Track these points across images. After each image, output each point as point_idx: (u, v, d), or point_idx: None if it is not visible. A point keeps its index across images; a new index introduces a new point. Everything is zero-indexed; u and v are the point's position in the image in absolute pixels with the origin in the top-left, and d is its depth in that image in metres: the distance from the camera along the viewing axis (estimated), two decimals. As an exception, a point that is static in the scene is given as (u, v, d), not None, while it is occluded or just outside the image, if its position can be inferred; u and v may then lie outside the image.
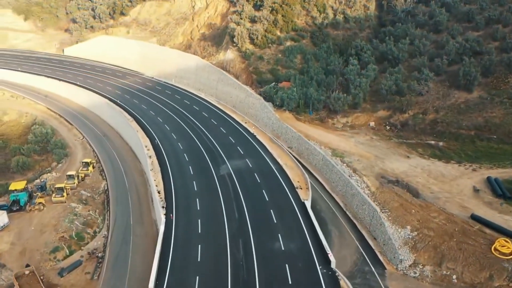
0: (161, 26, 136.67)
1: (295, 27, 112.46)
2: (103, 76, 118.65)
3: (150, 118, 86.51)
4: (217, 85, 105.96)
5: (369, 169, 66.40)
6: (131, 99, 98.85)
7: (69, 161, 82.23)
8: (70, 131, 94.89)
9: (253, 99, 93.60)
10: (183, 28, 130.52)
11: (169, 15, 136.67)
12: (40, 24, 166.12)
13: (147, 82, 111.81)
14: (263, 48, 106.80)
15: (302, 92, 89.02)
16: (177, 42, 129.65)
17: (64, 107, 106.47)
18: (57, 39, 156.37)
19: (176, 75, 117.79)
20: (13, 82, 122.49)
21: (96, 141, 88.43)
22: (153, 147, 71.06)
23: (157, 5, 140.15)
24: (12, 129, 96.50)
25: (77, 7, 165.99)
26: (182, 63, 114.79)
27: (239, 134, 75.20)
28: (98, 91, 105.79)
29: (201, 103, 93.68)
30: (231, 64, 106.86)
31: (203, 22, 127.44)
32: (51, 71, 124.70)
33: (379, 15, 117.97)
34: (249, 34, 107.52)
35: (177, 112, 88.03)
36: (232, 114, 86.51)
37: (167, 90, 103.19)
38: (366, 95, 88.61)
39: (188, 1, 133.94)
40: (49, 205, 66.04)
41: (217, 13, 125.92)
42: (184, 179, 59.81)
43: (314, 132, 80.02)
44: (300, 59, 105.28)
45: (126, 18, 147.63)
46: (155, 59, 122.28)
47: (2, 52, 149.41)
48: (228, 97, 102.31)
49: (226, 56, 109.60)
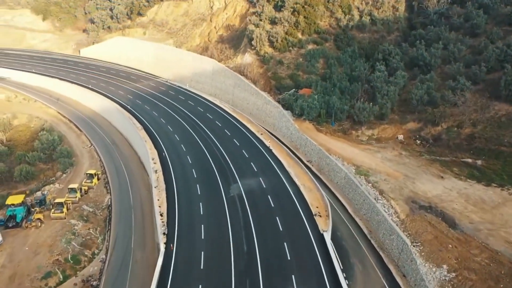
0: (178, 27, 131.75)
1: (317, 29, 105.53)
2: (116, 79, 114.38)
3: (160, 126, 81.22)
4: (233, 91, 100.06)
5: (398, 191, 59.25)
6: (142, 104, 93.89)
7: (75, 171, 77.69)
8: (79, 138, 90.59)
9: (271, 107, 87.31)
10: (201, 29, 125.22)
11: (186, 15, 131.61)
12: (58, 24, 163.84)
13: (160, 86, 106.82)
14: (283, 51, 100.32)
15: (323, 101, 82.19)
16: (194, 44, 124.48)
17: (75, 111, 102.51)
18: (74, 40, 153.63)
19: (192, 79, 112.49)
20: (26, 84, 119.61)
21: (104, 149, 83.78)
22: (160, 160, 65.56)
23: (174, 5, 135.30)
24: (20, 134, 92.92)
25: (95, 7, 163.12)
26: (198, 66, 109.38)
27: (254, 147, 68.92)
28: (110, 95, 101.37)
29: (215, 111, 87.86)
30: (248, 69, 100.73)
31: (221, 24, 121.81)
32: (65, 73, 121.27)
33: (409, 16, 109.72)
34: (269, 36, 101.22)
35: (188, 120, 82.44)
36: (247, 123, 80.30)
37: (180, 96, 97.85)
38: (394, 105, 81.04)
39: (206, 1, 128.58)
40: (47, 221, 61.49)
41: (236, 14, 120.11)
42: (190, 199, 53.95)
43: (336, 145, 73.17)
44: (322, 64, 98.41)
45: (143, 19, 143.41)
46: (171, 62, 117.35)
47: (19, 52, 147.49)
48: (244, 104, 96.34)
49: (244, 59, 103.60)
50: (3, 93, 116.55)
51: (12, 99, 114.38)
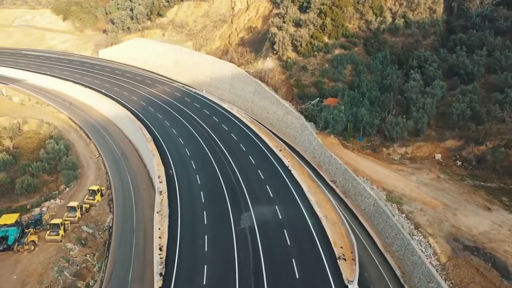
0: (198, 28, 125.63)
1: (346, 32, 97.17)
2: (131, 83, 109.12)
3: (171, 138, 74.90)
4: (252, 98, 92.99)
5: (437, 225, 50.81)
6: (154, 112, 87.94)
7: (79, 185, 72.39)
8: (88, 147, 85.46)
9: (293, 118, 79.83)
10: (221, 31, 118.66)
11: (207, 16, 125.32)
12: (79, 25, 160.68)
13: (176, 92, 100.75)
14: (308, 56, 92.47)
15: (351, 113, 74.07)
16: (214, 47, 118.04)
17: (87, 117, 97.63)
18: (93, 40, 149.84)
19: (210, 84, 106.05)
20: (40, 87, 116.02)
21: (112, 161, 78.26)
22: (167, 179, 59.09)
23: (195, 5, 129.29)
24: (28, 141, 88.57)
25: (116, 7, 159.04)
26: (217, 71, 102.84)
27: (271, 167, 61.48)
28: (122, 101, 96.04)
29: (231, 121, 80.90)
30: (270, 75, 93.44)
31: (242, 25, 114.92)
32: (80, 76, 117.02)
33: (448, 19, 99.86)
34: (292, 40, 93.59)
35: (202, 132, 75.79)
36: (266, 137, 72.95)
37: (196, 103, 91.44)
38: (431, 120, 72.06)
39: (228, 2, 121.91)
40: (42, 244, 56.17)
41: (258, 15, 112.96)
42: (195, 231, 47.11)
43: (364, 165, 65.09)
44: (350, 71, 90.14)
45: (163, 20, 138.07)
46: (189, 65, 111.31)
47: (37, 53, 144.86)
48: (264, 113, 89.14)
49: (265, 64, 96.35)
50: (17, 96, 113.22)
51: (26, 102, 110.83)
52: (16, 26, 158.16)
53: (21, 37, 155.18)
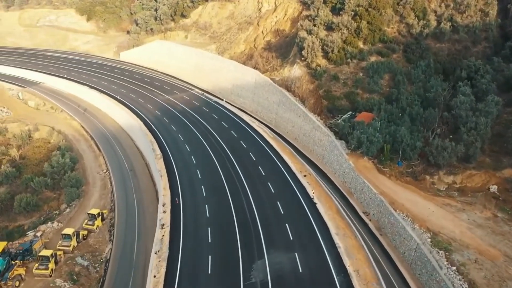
0: (222, 31, 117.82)
1: (383, 37, 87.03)
2: (148, 89, 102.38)
3: (183, 156, 67.04)
4: (277, 109, 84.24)
5: (498, 285, 40.63)
6: (169, 124, 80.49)
7: (81, 205, 65.72)
8: (96, 160, 79.03)
9: (321, 134, 70.56)
10: (246, 34, 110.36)
11: (232, 18, 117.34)
12: (102, 25, 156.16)
13: (194, 100, 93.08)
14: (340, 64, 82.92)
15: (388, 132, 64.13)
16: (238, 51, 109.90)
17: (99, 125, 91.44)
18: (116, 42, 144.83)
19: (232, 92, 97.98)
20: (57, 91, 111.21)
21: (120, 177, 71.38)
22: (172, 209, 51.18)
23: (219, 6, 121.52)
24: (35, 151, 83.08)
25: (141, 7, 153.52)
26: (239, 77, 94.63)
27: (293, 199, 52.40)
28: (137, 109, 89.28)
29: (251, 137, 72.27)
30: (296, 84, 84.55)
31: (269, 28, 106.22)
32: (97, 80, 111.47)
33: (502, 23, 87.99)
34: (323, 45, 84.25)
35: (217, 150, 67.53)
36: (289, 158, 63.95)
37: (214, 114, 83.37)
38: (485, 143, 61.26)
39: (255, 3, 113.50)
40: (29, 279, 49.42)
41: (286, 17, 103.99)
42: (196, 284, 38.87)
43: (404, 196, 55.33)
44: (387, 81, 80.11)
45: (187, 21, 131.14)
46: (210, 71, 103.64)
47: (57, 55, 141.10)
48: (289, 127, 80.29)
49: (292, 72, 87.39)
50: (33, 100, 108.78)
51: (41, 107, 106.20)
52: (41, 26, 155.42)
53: (44, 38, 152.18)
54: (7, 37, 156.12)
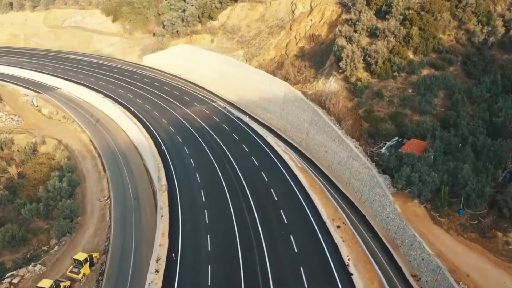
0: (251, 35, 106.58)
1: (438, 46, 73.14)
2: (167, 99, 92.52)
3: (191, 190, 56.03)
4: (308, 129, 72.22)
5: None
6: (182, 144, 69.96)
7: (72, 241, 56.43)
8: (99, 183, 69.72)
9: (359, 165, 58.13)
10: (277, 39, 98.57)
11: (262, 21, 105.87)
12: (128, 26, 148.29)
13: (214, 115, 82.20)
14: (385, 78, 69.83)
15: (446, 169, 50.92)
16: (268, 58, 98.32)
17: (109, 140, 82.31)
18: (141, 44, 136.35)
19: (258, 105, 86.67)
20: (72, 98, 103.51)
21: (121, 208, 61.63)
22: (166, 267, 40.36)
23: (249, 7, 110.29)
24: (36, 169, 74.89)
25: (169, 8, 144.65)
26: (266, 90, 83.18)
27: (322, 262, 40.36)
28: (149, 124, 79.60)
29: (274, 167, 60.34)
30: (332, 100, 72.17)
31: (303, 33, 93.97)
32: (114, 87, 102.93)
33: None
34: (365, 55, 71.42)
35: (233, 185, 56.07)
36: (319, 199, 51.80)
37: (234, 133, 72.13)
38: None
39: (288, 4, 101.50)
40: None
41: (323, 20, 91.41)
42: None
43: (469, 260, 42.43)
44: (443, 100, 66.56)
45: (214, 23, 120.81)
46: (235, 80, 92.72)
47: (79, 57, 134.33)
48: (321, 151, 68.18)
49: (327, 86, 74.97)
50: (47, 107, 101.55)
51: (54, 115, 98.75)
52: (65, 27, 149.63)
53: (69, 39, 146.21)
54: (32, 38, 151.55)
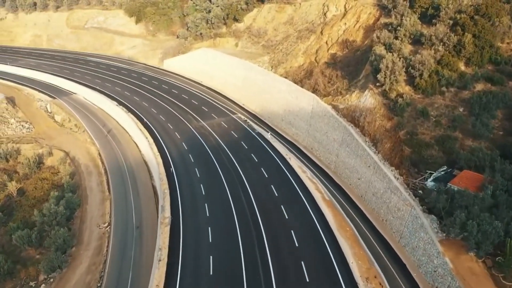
0: (278, 39, 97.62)
1: (496, 57, 62.17)
2: (183, 110, 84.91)
3: (197, 224, 47.74)
4: (338, 150, 62.75)
5: None
6: (193, 165, 61.74)
7: (61, 279, 49.27)
8: (102, 205, 62.65)
9: (398, 200, 48.41)
10: (307, 44, 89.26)
11: (290, 24, 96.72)
12: (152, 28, 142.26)
13: (233, 129, 73.77)
14: (431, 94, 59.51)
15: None
16: (295, 65, 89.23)
17: (119, 154, 75.39)
18: (163, 47, 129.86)
19: (283, 118, 77.81)
20: (87, 104, 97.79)
21: (122, 239, 54.20)
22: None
23: (277, 9, 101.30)
24: (37, 186, 68.60)
25: (194, 8, 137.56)
26: (292, 102, 74.23)
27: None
28: (161, 138, 72.15)
29: (298, 199, 51.27)
30: (367, 117, 62.42)
31: (335, 38, 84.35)
32: (130, 94, 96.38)
33: None
34: (407, 67, 61.24)
35: (245, 219, 47.45)
36: (350, 247, 42.36)
37: (254, 154, 63.39)
38: None
39: (319, 6, 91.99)
40: None
41: (358, 24, 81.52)
42: None
43: None
44: (502, 121, 55.84)
45: (239, 26, 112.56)
46: (259, 88, 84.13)
47: (99, 60, 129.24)
48: (353, 177, 58.69)
49: (362, 100, 65.22)
50: (60, 114, 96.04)
51: (66, 123, 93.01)
52: (88, 28, 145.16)
53: (91, 41, 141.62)
54: (55, 39, 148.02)
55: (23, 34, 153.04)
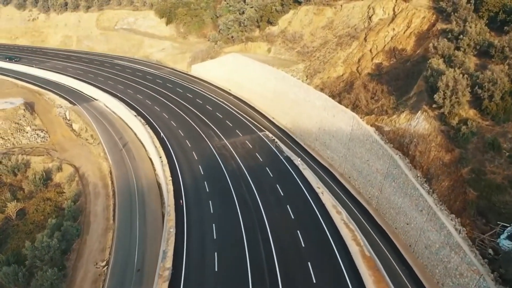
0: (315, 45, 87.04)
1: None
2: (206, 123, 76.20)
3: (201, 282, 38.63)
4: (382, 184, 52.01)
5: None
6: (208, 196, 52.59)
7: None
8: (103, 237, 54.79)
9: (460, 262, 37.60)
10: (347, 52, 78.37)
11: (329, 29, 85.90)
12: (183, 30, 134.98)
13: (259, 151, 64.03)
14: (504, 121, 47.56)
15: None
16: (334, 75, 78.56)
17: (131, 174, 67.62)
18: (193, 50, 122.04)
19: (317, 137, 67.64)
20: (107, 112, 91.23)
21: (117, 285, 45.61)
22: None
23: (315, 11, 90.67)
24: (39, 208, 61.85)
25: (227, 9, 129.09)
26: (328, 120, 63.89)
27: None
28: (176, 159, 63.67)
29: (332, 254, 40.90)
30: (419, 145, 51.18)
31: (381, 46, 73.03)
32: (151, 103, 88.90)
33: None
34: (473, 85, 49.40)
35: (261, 277, 37.88)
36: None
37: (279, 185, 53.51)
38: None
39: (363, 9, 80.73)
40: None
41: (410, 30, 69.82)
42: None
43: None
44: None
45: (273, 29, 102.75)
46: (291, 102, 74.29)
47: (126, 64, 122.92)
48: (400, 221, 47.89)
49: (413, 124, 53.88)
50: (78, 122, 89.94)
51: (83, 132, 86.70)
52: (118, 29, 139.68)
53: (119, 43, 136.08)
54: (84, 41, 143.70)
55: (54, 35, 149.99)
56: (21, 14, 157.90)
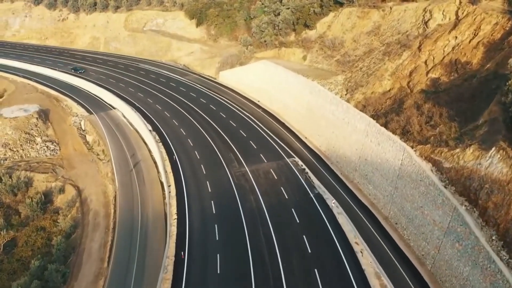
0: (358, 54, 75.02)
1: None
2: (227, 143, 66.30)
3: None
4: (441, 241, 40.18)
5: None
6: (217, 246, 42.15)
7: None
8: (101, 275, 45.77)
9: None
10: (397, 63, 66.06)
11: (375, 35, 73.61)
12: (214, 32, 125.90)
13: (284, 184, 53.13)
14: None
15: None
16: (379, 90, 66.51)
17: (138, 202, 58.72)
18: (223, 54, 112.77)
19: (356, 167, 56.20)
20: (123, 124, 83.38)
21: None
22: None
23: (359, 14, 78.51)
24: (30, 240, 53.87)
25: (262, 10, 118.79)
26: (373, 148, 52.28)
27: None
28: (187, 190, 54.16)
29: None
30: (493, 194, 38.79)
31: (439, 57, 60.26)
32: (170, 115, 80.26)
33: None
34: None
35: None
36: None
37: (307, 235, 42.47)
38: None
39: (418, 12, 68.02)
40: None
41: (477, 39, 56.71)
42: None
43: None
44: None
45: (310, 34, 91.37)
46: (328, 121, 63.12)
47: (150, 68, 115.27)
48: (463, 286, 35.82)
49: (484, 163, 41.29)
50: (92, 134, 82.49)
51: (95, 146, 79.17)
52: (146, 31, 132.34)
53: (147, 45, 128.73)
54: (111, 42, 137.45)
55: (82, 36, 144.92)
56: (52, 14, 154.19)
